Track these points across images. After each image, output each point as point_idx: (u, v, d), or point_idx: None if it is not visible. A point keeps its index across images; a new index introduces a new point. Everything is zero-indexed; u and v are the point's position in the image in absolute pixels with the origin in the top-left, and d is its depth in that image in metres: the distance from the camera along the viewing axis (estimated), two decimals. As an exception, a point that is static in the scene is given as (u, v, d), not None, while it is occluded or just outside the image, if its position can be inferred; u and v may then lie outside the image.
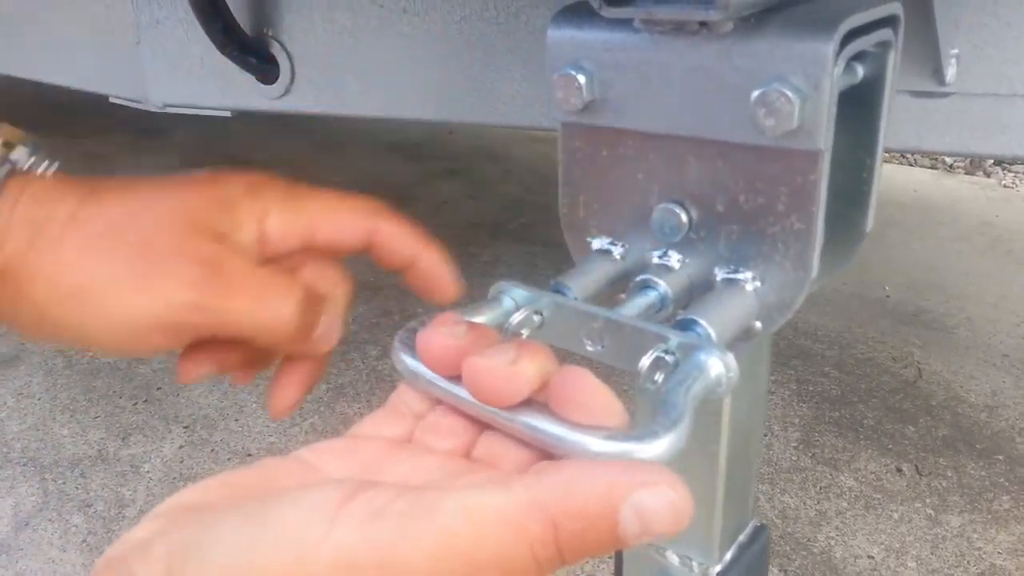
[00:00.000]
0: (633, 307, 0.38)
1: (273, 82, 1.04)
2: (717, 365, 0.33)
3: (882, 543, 1.18)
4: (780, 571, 1.13)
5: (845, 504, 1.25)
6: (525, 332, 0.38)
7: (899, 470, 1.31)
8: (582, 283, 0.41)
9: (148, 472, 1.34)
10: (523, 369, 0.30)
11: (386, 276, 2.00)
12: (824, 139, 0.35)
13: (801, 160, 0.36)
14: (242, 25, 1.02)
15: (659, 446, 0.29)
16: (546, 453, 0.30)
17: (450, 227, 2.24)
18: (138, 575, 0.26)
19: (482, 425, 0.33)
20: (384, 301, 1.87)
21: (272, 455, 1.00)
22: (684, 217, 0.39)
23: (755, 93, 0.35)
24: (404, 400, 0.35)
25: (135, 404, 1.52)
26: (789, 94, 0.34)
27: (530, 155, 2.91)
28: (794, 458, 1.34)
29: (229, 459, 1.36)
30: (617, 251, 0.43)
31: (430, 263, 0.48)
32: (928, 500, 1.26)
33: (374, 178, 2.62)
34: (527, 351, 0.31)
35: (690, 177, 0.39)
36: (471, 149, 2.98)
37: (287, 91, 1.05)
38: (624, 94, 0.39)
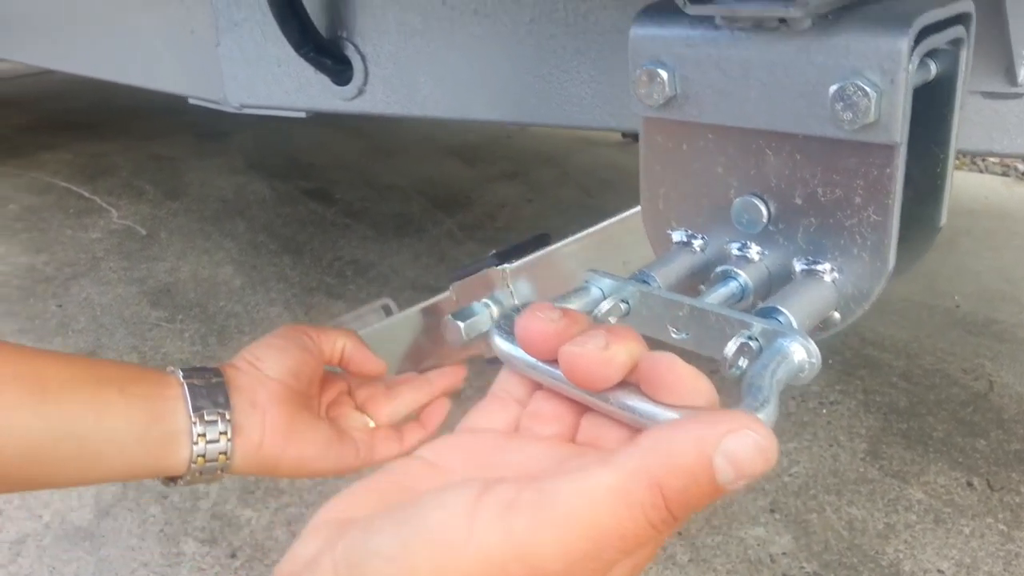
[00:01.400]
0: (715, 297, 0.39)
1: (347, 83, 1.07)
2: (800, 351, 0.33)
3: (952, 558, 1.16)
4: (844, 581, 1.12)
5: (914, 517, 1.23)
6: (612, 319, 0.39)
7: (970, 484, 1.28)
8: (664, 273, 0.42)
9: (218, 464, 1.38)
10: (615, 354, 0.31)
11: (447, 279, 2.00)
12: (900, 132, 0.35)
13: (878, 153, 0.36)
14: (318, 27, 1.05)
15: None
16: (643, 432, 0.31)
17: (508, 230, 2.26)
18: None
19: (582, 408, 0.34)
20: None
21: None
22: (763, 209, 0.40)
23: (833, 88, 0.35)
24: (505, 387, 0.37)
25: (205, 399, 1.57)
26: (866, 88, 0.35)
27: (588, 159, 2.92)
28: (861, 469, 1.32)
29: (295, 454, 1.40)
30: (697, 243, 0.44)
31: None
32: (1000, 516, 1.23)
33: (433, 181, 2.66)
34: (617, 337, 0.32)
35: (769, 170, 0.40)
36: (529, 153, 3.00)
37: (360, 92, 1.07)
38: (704, 89, 0.40)
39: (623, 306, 0.40)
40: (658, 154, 0.43)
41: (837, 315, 0.39)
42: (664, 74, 0.40)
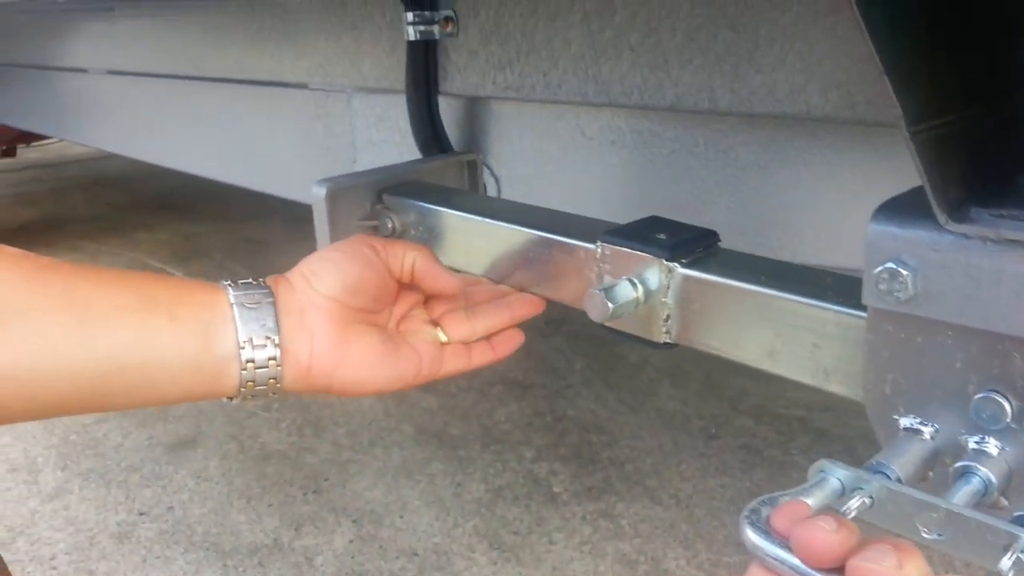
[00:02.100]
0: (962, 495, 0.40)
1: (480, 204, 1.10)
2: (1080, 569, 0.34)
3: None
4: None
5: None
6: (854, 514, 0.40)
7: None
8: (901, 464, 0.42)
9: (322, 566, 1.39)
10: (909, 574, 0.32)
11: (535, 375, 2.00)
12: None
13: None
14: (456, 149, 1.10)
15: None
16: None
17: (594, 325, 2.27)
18: None
19: None
20: (534, 401, 1.90)
21: (438, 556, 1.06)
22: (1008, 408, 0.41)
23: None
24: None
25: (305, 494, 1.59)
26: None
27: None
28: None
29: (397, 557, 1.40)
30: (927, 431, 0.44)
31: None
32: None
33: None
34: (908, 555, 0.33)
35: (1015, 372, 0.40)
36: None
37: (491, 212, 1.11)
38: (949, 291, 0.41)
39: (868, 501, 0.40)
40: (888, 342, 0.45)
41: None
42: (907, 275, 0.42)
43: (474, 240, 0.85)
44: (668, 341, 0.65)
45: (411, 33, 1.06)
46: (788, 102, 0.74)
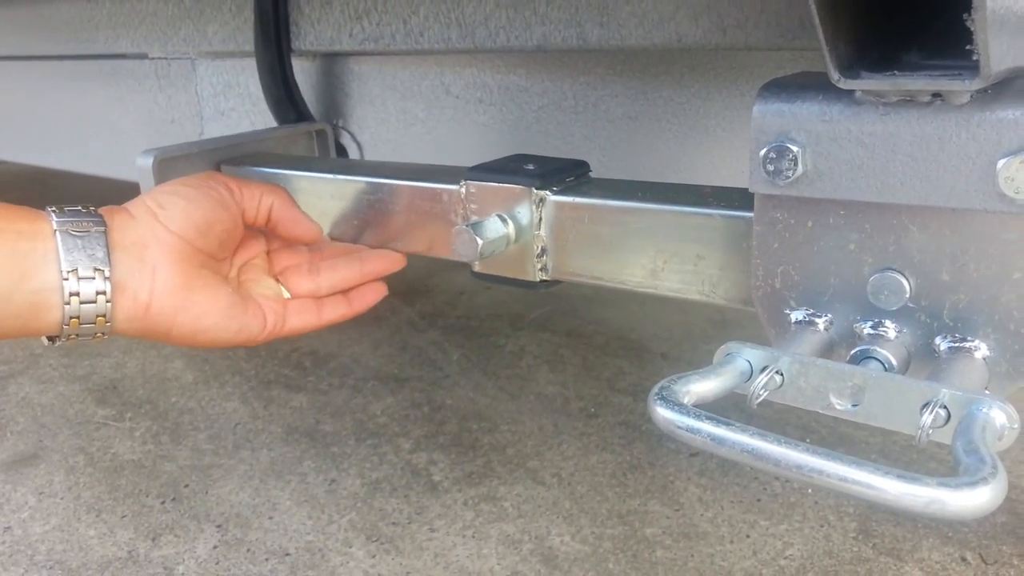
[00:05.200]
0: (864, 377, 0.38)
1: (342, 171, 1.04)
2: (1001, 416, 0.32)
3: (956, 637, 1.14)
4: (855, 669, 1.09)
5: (913, 596, 1.21)
6: (764, 394, 0.37)
7: (964, 559, 1.28)
8: (796, 353, 0.40)
9: (183, 574, 1.28)
10: None
11: (411, 368, 1.94)
12: (1069, 204, 0.35)
13: (1042, 226, 0.36)
14: (315, 117, 1.03)
15: (983, 494, 0.28)
16: None
17: (469, 318, 2.23)
18: None
19: None
20: (411, 394, 1.84)
21: (311, 554, 0.99)
22: (906, 285, 0.39)
23: (1001, 162, 0.35)
24: None
25: (163, 503, 1.47)
26: (1037, 161, 0.34)
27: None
28: (855, 549, 1.31)
29: (267, 559, 1.31)
30: (821, 322, 0.42)
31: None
32: (994, 590, 1.23)
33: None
34: None
35: (911, 246, 0.39)
36: (480, 242, 3.00)
37: (355, 180, 1.05)
38: (841, 165, 0.39)
39: (778, 378, 0.38)
40: (776, 232, 0.42)
41: (987, 392, 0.38)
42: (796, 150, 0.39)
43: (325, 201, 0.79)
44: (545, 279, 0.62)
45: (259, -15, 0.99)
46: (658, 31, 0.72)
